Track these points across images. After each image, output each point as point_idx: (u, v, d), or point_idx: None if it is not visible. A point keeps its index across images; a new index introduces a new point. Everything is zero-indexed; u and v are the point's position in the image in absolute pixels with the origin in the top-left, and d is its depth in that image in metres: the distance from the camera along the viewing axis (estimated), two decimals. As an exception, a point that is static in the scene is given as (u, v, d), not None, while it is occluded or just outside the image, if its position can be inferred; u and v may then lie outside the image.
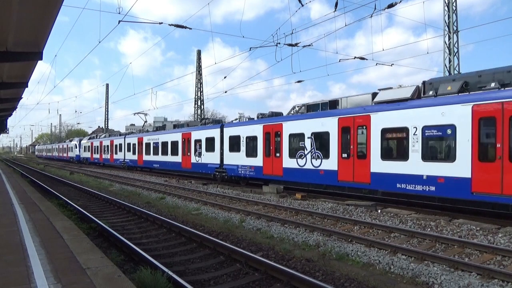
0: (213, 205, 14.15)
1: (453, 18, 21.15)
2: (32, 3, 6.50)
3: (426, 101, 11.94)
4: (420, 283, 6.12)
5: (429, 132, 11.67)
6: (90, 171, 35.01)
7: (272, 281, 6.07)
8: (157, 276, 5.41)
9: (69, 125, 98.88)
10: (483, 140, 10.54)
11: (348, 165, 14.10)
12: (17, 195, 13.18)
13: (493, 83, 10.74)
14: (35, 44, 8.78)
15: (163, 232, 9.72)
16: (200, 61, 40.93)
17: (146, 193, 18.40)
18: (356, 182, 13.84)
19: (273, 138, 17.75)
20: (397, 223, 10.58)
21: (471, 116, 10.57)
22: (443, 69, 21.70)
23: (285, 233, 9.40)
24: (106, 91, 57.64)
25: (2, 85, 13.00)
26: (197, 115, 40.41)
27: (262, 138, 18.37)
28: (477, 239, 8.67)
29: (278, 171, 17.46)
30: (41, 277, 4.55)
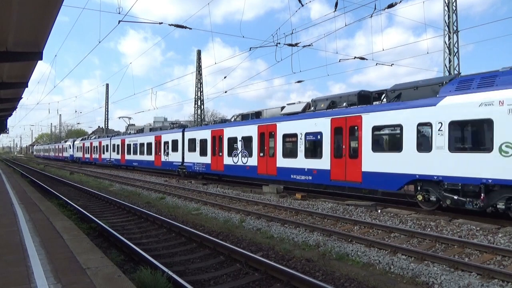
0: (213, 205, 14.15)
1: (453, 18, 21.15)
2: (32, 3, 6.50)
3: (307, 114, 16.37)
4: (420, 283, 6.12)
5: (308, 137, 15.83)
6: (90, 171, 35.01)
7: (272, 281, 6.07)
8: (157, 276, 5.41)
9: (69, 125, 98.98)
10: (336, 143, 14.64)
11: (264, 161, 18.45)
12: (17, 195, 13.18)
13: (344, 103, 15.10)
14: (35, 44, 8.79)
15: (163, 232, 9.72)
16: (200, 61, 40.91)
17: (146, 193, 18.40)
18: (268, 174, 18.21)
19: (217, 141, 21.88)
20: (397, 223, 10.59)
21: (330, 126, 14.75)
22: (443, 69, 21.69)
23: (285, 233, 9.40)
24: (106, 91, 57.65)
25: (2, 85, 13.00)
26: (197, 115, 40.41)
27: (210, 141, 22.58)
28: (477, 239, 8.67)
29: (221, 167, 21.59)
30: (41, 277, 4.55)
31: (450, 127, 10.91)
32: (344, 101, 15.14)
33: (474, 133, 10.91)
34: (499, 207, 10.07)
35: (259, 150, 18.53)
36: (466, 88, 10.79)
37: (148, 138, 30.99)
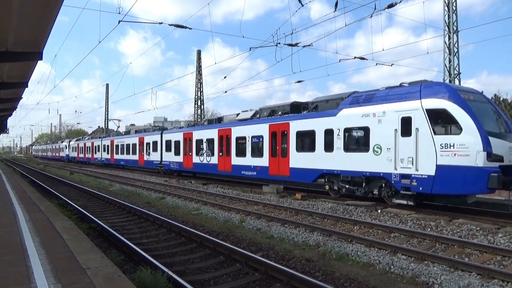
0: (213, 205, 14.15)
1: (453, 18, 21.15)
2: (32, 3, 6.50)
3: (254, 120, 19.64)
4: (420, 283, 6.12)
5: (254, 140, 18.82)
6: (90, 171, 35.02)
7: (272, 281, 6.07)
8: (157, 276, 5.41)
9: (69, 125, 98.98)
10: (273, 144, 17.64)
11: (222, 160, 21.41)
12: (17, 195, 13.18)
13: (280, 112, 18.18)
14: (35, 44, 8.79)
15: (163, 232, 9.72)
16: (200, 61, 40.91)
17: (146, 193, 18.40)
18: (226, 170, 21.16)
19: (188, 142, 24.96)
20: (397, 223, 10.59)
21: (268, 131, 17.75)
22: (443, 69, 21.70)
23: (285, 233, 9.40)
24: (106, 91, 57.68)
25: (2, 85, 13.00)
26: (197, 115, 40.41)
27: (182, 142, 25.60)
28: (477, 239, 8.68)
29: (191, 165, 24.71)
30: (41, 277, 4.55)
31: (344, 132, 14.10)
32: (280, 110, 18.15)
33: (359, 137, 13.90)
34: (374, 192, 13.32)
35: (219, 150, 21.61)
36: (355, 102, 13.83)
37: (133, 139, 33.96)
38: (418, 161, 11.65)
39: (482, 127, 10.63)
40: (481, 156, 10.38)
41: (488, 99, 12.71)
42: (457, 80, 21.30)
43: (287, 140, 16.64)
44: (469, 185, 10.68)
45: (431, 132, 11.33)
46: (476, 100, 11.71)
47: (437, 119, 11.34)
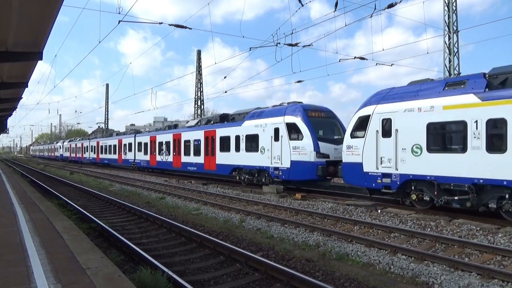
0: (213, 205, 14.15)
1: (453, 18, 21.15)
2: (32, 3, 6.51)
3: (196, 127, 24.70)
4: (420, 283, 6.12)
5: (195, 142, 23.99)
6: (90, 171, 35.04)
7: (272, 281, 6.07)
8: (157, 276, 5.41)
9: (69, 125, 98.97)
10: (207, 146, 22.69)
11: (175, 158, 26.46)
12: (17, 195, 13.18)
13: (212, 121, 23.74)
14: (35, 44, 8.79)
15: (163, 232, 9.72)
16: (200, 61, 40.90)
17: (146, 193, 18.40)
18: (178, 167, 26.54)
19: (153, 144, 30.22)
20: (397, 223, 10.58)
21: (203, 136, 23.00)
22: (443, 69, 21.70)
23: (285, 233, 9.40)
24: (106, 91, 57.67)
25: (2, 85, 13.01)
26: (197, 115, 40.42)
27: (149, 144, 30.95)
28: (477, 239, 8.67)
29: (154, 163, 30.01)
30: (41, 277, 4.55)
31: (246, 138, 19.30)
32: (213, 120, 24.01)
33: (253, 141, 18.88)
34: (263, 180, 18.56)
35: (173, 151, 26.90)
36: (252, 117, 19.26)
37: (114, 141, 39.14)
38: (282, 158, 16.94)
39: (315, 135, 16.03)
40: (313, 154, 15.75)
41: (333, 115, 17.90)
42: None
43: (214, 143, 21.93)
44: (307, 174, 16.01)
45: (288, 138, 16.70)
46: (320, 116, 17.20)
47: (291, 130, 16.69)
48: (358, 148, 13.37)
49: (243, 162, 19.56)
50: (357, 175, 13.47)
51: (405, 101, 12.04)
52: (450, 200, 11.00)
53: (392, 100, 12.51)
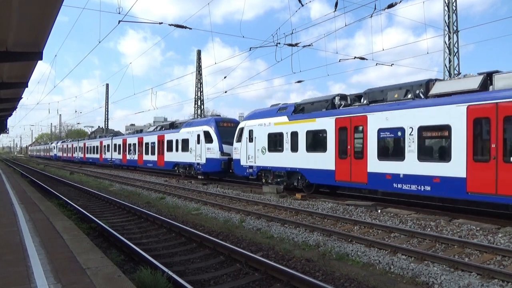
0: (213, 205, 14.15)
1: (453, 18, 21.15)
2: (32, 3, 6.50)
3: (154, 132, 30.29)
4: (420, 283, 6.12)
5: (152, 144, 29.91)
6: (90, 171, 35.06)
7: (272, 281, 6.07)
8: (157, 276, 5.41)
9: (69, 125, 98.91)
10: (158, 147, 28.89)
11: (140, 157, 32.48)
12: (17, 195, 13.18)
13: (163, 128, 30.22)
14: (35, 44, 8.78)
15: (163, 232, 9.72)
16: (200, 61, 40.90)
17: (146, 193, 18.40)
18: (139, 163, 32.79)
19: (124, 145, 36.31)
20: (397, 223, 10.58)
21: (157, 139, 28.89)
22: (443, 69, 21.70)
23: (285, 233, 9.40)
24: (106, 91, 57.69)
25: (2, 85, 13.00)
26: (197, 115, 40.42)
27: (122, 145, 36.70)
28: (477, 239, 8.67)
29: (125, 161, 36.28)
30: (41, 277, 4.55)
31: (182, 141, 25.70)
32: (164, 127, 30.35)
33: (185, 144, 25.24)
34: (192, 173, 25.28)
35: (138, 151, 32.68)
36: (186, 125, 25.95)
37: (96, 142, 45.36)
38: (201, 156, 23.36)
39: (221, 140, 22.19)
40: (219, 153, 22.06)
41: (236, 125, 21.81)
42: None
43: (164, 145, 28.26)
44: (216, 167, 22.27)
45: (204, 142, 23.09)
46: (228, 126, 23.19)
47: (206, 136, 23.07)
48: (238, 149, 19.81)
49: (180, 159, 26.22)
50: (239, 167, 19.93)
51: (259, 119, 18.53)
52: (279, 181, 17.52)
53: (254, 118, 19.06)
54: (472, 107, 10.29)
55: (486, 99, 10.11)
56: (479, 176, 10.21)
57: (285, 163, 16.74)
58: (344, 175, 14.04)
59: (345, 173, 14.02)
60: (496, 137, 9.85)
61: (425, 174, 11.41)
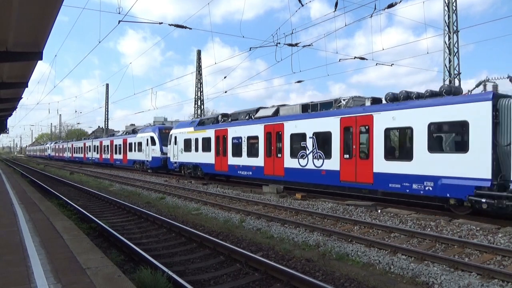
0: (213, 205, 14.15)
1: (453, 18, 21.14)
2: (32, 3, 6.50)
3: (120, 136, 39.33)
4: (420, 283, 6.12)
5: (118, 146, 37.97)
6: (90, 171, 35.06)
7: (272, 281, 6.07)
8: (157, 276, 5.41)
9: (69, 125, 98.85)
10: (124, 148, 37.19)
11: (111, 156, 39.96)
12: (17, 195, 13.18)
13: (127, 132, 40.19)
14: (35, 44, 8.78)
15: (163, 232, 9.73)
16: (200, 61, 40.90)
17: (146, 193, 18.40)
18: (111, 161, 40.51)
19: (101, 146, 43.18)
20: (397, 223, 10.58)
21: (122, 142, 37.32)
22: (443, 69, 21.70)
23: (285, 233, 9.40)
24: (106, 91, 57.68)
25: (2, 85, 13.00)
26: (197, 115, 40.43)
27: (98, 146, 44.07)
28: (477, 239, 8.67)
29: (102, 159, 43.15)
30: (41, 277, 4.55)
31: (138, 143, 32.97)
32: (128, 132, 37.99)
33: (139, 145, 32.53)
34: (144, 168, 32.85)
35: (110, 151, 40.17)
36: (141, 131, 33.22)
37: (81, 143, 52.64)
38: (149, 154, 30.67)
39: (162, 143, 29.01)
40: (160, 153, 29.15)
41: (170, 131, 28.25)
42: (457, 80, 21.29)
43: (127, 147, 35.75)
44: (158, 163, 29.24)
45: (151, 144, 30.11)
46: (167, 132, 28.83)
47: (152, 140, 30.32)
48: (170, 150, 27.16)
49: (136, 157, 34.01)
50: (169, 163, 27.31)
51: (181, 128, 26.18)
52: (189, 171, 25.01)
53: (178, 127, 26.90)
54: (266, 125, 18.07)
55: (275, 120, 17.77)
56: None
57: (192, 159, 24.42)
58: (218, 167, 21.96)
59: (218, 165, 21.93)
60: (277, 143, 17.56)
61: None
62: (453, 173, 10.86)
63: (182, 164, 25.65)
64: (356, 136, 13.78)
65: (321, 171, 15.07)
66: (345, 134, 14.16)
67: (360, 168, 13.53)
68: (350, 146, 13.97)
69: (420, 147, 11.70)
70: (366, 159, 13.38)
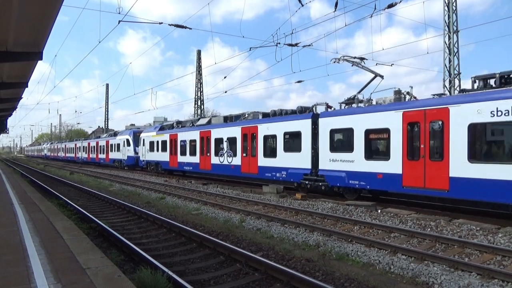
0: (213, 205, 14.15)
1: (453, 18, 21.15)
2: (32, 3, 6.51)
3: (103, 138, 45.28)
4: (420, 283, 6.12)
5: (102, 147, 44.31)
6: (90, 171, 35.07)
7: (272, 281, 6.07)
8: (157, 276, 5.41)
9: (69, 125, 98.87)
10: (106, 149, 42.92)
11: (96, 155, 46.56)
12: (17, 195, 13.18)
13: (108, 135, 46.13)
14: (35, 44, 8.79)
15: (163, 232, 9.72)
16: (200, 61, 40.93)
17: (146, 193, 18.40)
18: (107, 161, 42.60)
19: (89, 147, 48.76)
20: (397, 223, 10.58)
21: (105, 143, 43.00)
22: (443, 69, 21.70)
23: (285, 233, 9.40)
24: (106, 91, 57.75)
25: (2, 85, 13.01)
26: (197, 115, 40.44)
27: (87, 147, 49.35)
28: (477, 239, 8.67)
29: (89, 158, 48.84)
30: (41, 277, 4.55)
31: (116, 145, 38.83)
32: (110, 134, 43.39)
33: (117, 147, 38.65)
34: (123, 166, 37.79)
35: (96, 151, 45.71)
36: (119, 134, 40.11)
37: (73, 144, 58.16)
38: (125, 154, 36.35)
39: (135, 145, 34.46)
40: (133, 153, 34.70)
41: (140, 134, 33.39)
42: (457, 80, 21.30)
43: (109, 147, 40.77)
44: (132, 162, 34.92)
45: (127, 146, 35.90)
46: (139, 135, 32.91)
47: (127, 142, 35.99)
48: (140, 150, 32.23)
49: (116, 157, 39.13)
50: (140, 161, 32.38)
51: (148, 133, 31.30)
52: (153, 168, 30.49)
53: (146, 132, 31.86)
54: (201, 131, 23.45)
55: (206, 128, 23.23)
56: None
57: (154, 158, 29.86)
58: (171, 163, 27.27)
59: (171, 162, 27.23)
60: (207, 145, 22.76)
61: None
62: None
63: (148, 162, 31.19)
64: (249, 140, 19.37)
65: (231, 166, 20.62)
66: (244, 139, 19.69)
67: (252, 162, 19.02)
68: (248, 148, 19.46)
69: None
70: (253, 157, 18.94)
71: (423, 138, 11.57)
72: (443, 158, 10.99)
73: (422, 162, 11.48)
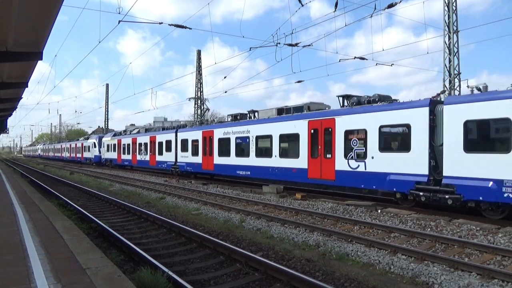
0: (213, 205, 14.15)
1: (453, 18, 21.13)
2: (32, 3, 6.50)
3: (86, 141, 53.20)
4: (420, 283, 6.13)
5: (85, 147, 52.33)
6: (90, 171, 35.07)
7: (272, 281, 6.07)
8: (157, 276, 5.41)
9: (69, 125, 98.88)
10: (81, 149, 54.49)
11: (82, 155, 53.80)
12: (17, 195, 13.18)
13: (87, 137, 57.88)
14: (35, 44, 8.78)
15: (163, 232, 9.73)
16: (200, 61, 40.88)
17: (146, 193, 18.40)
18: (82, 160, 53.47)
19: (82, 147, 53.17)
20: (397, 223, 10.59)
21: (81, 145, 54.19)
22: (443, 69, 21.69)
23: (285, 233, 9.40)
24: (106, 91, 57.73)
25: (2, 85, 12.99)
26: (197, 115, 40.44)
27: (80, 146, 54.31)
28: (477, 239, 8.68)
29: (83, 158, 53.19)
30: (41, 277, 4.55)
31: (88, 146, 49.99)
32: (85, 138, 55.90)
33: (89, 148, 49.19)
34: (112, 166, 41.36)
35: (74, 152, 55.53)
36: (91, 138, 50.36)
37: (67, 144, 63.31)
38: (93, 154, 46.73)
39: (100, 146, 44.96)
40: (98, 153, 45.34)
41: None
42: (457, 80, 21.28)
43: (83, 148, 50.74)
44: (97, 160, 45.60)
45: (94, 147, 46.98)
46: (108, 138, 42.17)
47: (94, 144, 46.76)
48: (102, 151, 43.23)
49: (88, 156, 47.63)
50: (102, 159, 43.27)
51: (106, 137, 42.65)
52: (109, 164, 41.17)
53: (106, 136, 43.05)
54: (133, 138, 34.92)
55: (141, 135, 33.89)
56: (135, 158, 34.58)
57: (110, 156, 40.10)
58: (118, 160, 38.06)
59: (118, 159, 38.03)
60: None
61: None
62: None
63: (106, 159, 41.88)
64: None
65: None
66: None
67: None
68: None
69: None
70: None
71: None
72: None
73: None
